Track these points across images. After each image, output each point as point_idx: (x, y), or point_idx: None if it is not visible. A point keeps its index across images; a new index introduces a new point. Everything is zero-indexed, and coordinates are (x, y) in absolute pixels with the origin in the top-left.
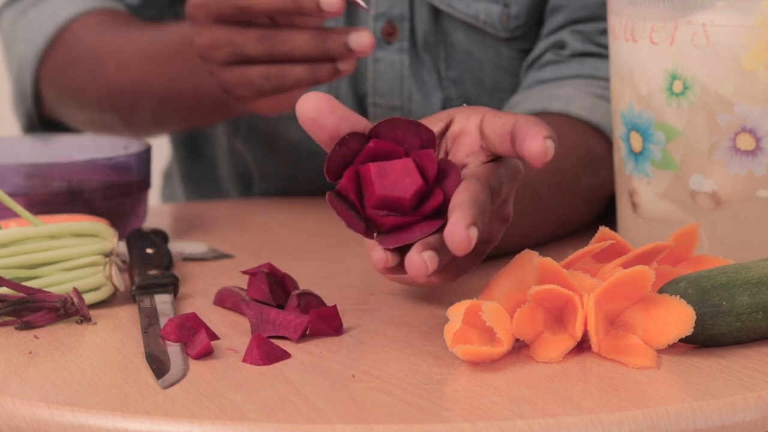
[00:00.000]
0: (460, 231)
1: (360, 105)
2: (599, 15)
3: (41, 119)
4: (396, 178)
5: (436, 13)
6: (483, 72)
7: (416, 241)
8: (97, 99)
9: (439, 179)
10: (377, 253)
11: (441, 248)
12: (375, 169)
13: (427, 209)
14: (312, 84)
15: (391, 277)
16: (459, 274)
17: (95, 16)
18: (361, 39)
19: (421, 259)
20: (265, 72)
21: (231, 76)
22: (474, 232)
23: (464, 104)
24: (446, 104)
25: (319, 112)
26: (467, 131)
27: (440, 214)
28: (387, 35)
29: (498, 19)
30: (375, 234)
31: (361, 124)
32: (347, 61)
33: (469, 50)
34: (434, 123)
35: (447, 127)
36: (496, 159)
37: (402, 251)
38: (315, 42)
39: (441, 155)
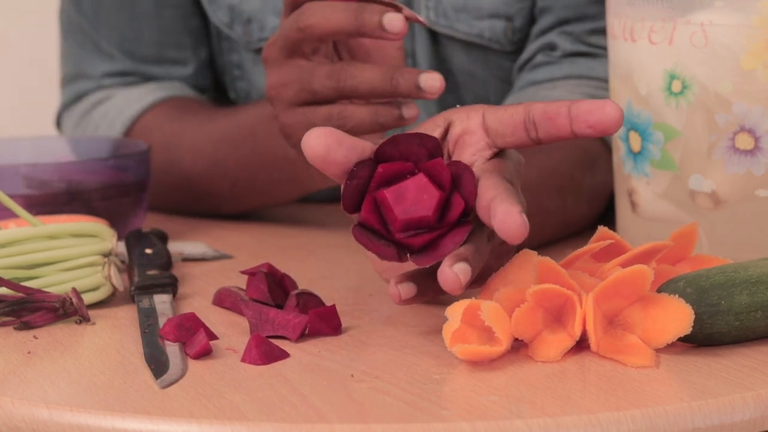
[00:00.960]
0: (515, 218)
1: None
2: (587, 14)
3: None
4: (413, 199)
5: (434, 40)
6: (487, 89)
7: (449, 253)
8: (174, 189)
9: (454, 184)
10: (391, 288)
11: (473, 256)
12: (391, 195)
13: (452, 218)
14: (374, 129)
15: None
16: (487, 276)
17: (160, 108)
18: (431, 81)
19: (453, 273)
20: (327, 113)
21: (294, 118)
22: (525, 217)
23: (457, 105)
24: None
25: (328, 148)
26: (471, 130)
27: (465, 218)
28: None
29: (503, 33)
30: (408, 256)
31: (367, 149)
32: (411, 107)
33: (469, 71)
34: (432, 129)
35: (446, 131)
36: (498, 154)
37: (417, 279)
38: (383, 78)
39: (444, 159)
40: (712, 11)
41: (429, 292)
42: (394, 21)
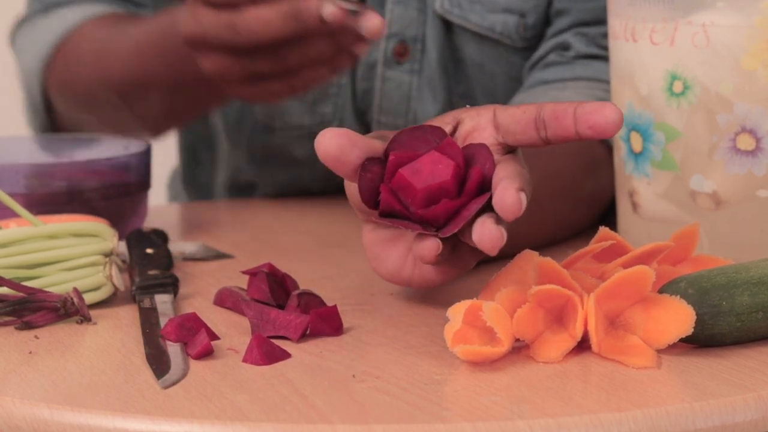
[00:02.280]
0: (511, 194)
1: (362, 120)
2: (604, 19)
3: (56, 131)
4: (430, 170)
5: (447, 28)
6: (495, 84)
7: (473, 220)
8: (107, 97)
9: (469, 161)
10: (427, 241)
11: (501, 218)
12: (407, 171)
13: (470, 188)
14: (333, 76)
15: (404, 279)
16: (462, 270)
17: (100, 19)
18: (371, 25)
19: (496, 228)
20: (289, 85)
21: (252, 92)
22: (523, 197)
23: (467, 105)
24: None
25: (342, 149)
26: (480, 127)
27: (484, 190)
28: (398, 55)
29: (515, 29)
30: (434, 230)
31: (379, 148)
32: (361, 45)
33: (480, 63)
34: (441, 126)
35: (454, 129)
36: (509, 152)
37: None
38: (327, 45)
39: None
40: (714, 12)
41: (461, 253)
42: (333, 11)
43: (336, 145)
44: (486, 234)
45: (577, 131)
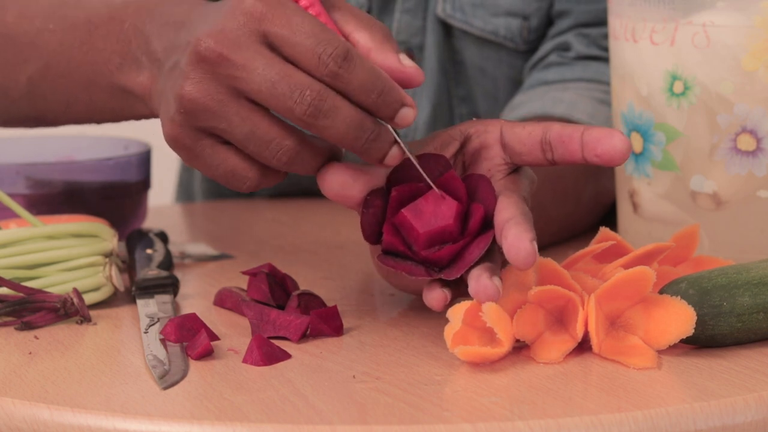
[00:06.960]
0: (525, 246)
1: None
2: (605, 20)
3: None
4: (432, 212)
5: (447, 32)
6: (497, 88)
7: (478, 261)
8: None
9: (471, 194)
10: (435, 293)
11: (496, 268)
12: (409, 213)
13: (473, 227)
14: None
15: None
16: None
17: None
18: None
19: (493, 284)
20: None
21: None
22: (535, 246)
23: (473, 119)
24: None
25: (344, 185)
26: (488, 145)
27: (486, 227)
28: None
29: (518, 32)
30: (437, 271)
31: (381, 179)
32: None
33: (481, 67)
34: (448, 143)
35: (462, 146)
36: (514, 170)
37: (451, 283)
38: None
39: (459, 173)
40: (714, 12)
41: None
42: (407, 115)
43: (338, 182)
44: (481, 290)
45: (584, 157)
